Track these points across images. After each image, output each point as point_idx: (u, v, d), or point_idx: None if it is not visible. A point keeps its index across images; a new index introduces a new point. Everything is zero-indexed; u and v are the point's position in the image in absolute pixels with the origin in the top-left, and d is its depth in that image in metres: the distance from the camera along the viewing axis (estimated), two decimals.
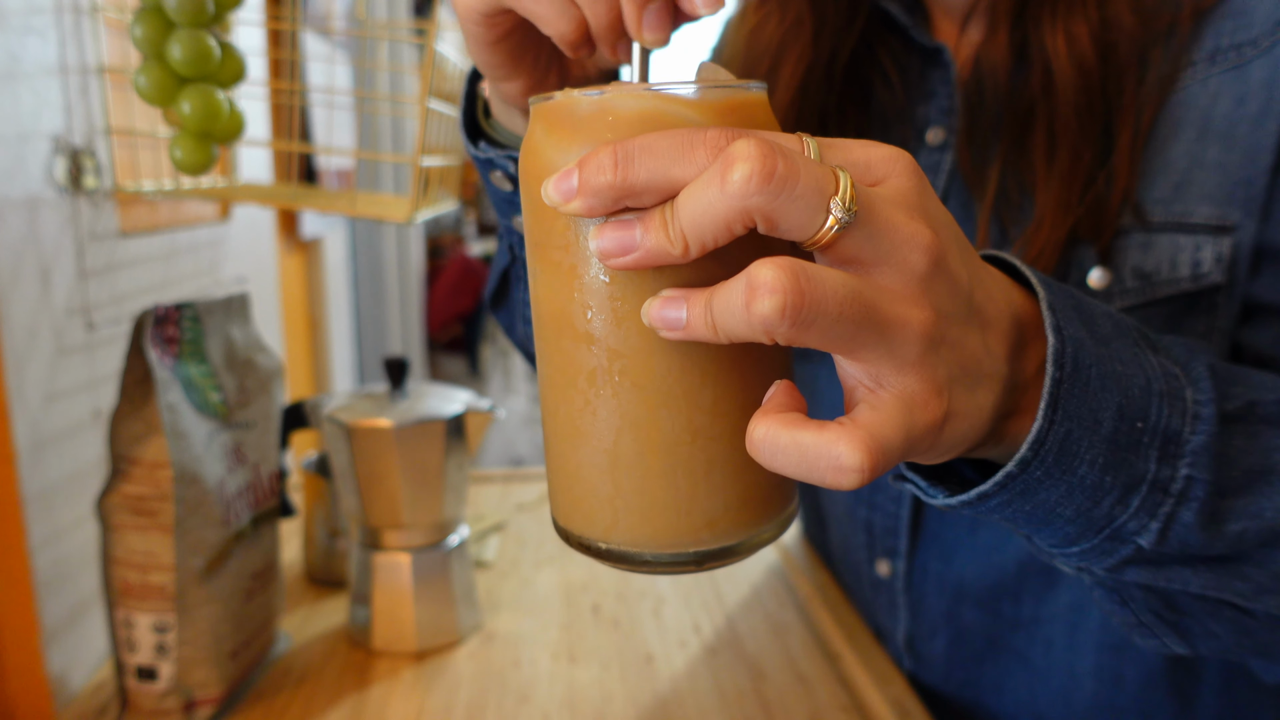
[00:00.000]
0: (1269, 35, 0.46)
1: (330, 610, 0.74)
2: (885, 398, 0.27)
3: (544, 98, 0.30)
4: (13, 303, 0.55)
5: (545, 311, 0.30)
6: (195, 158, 0.61)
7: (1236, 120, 0.46)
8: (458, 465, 0.68)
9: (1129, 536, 0.33)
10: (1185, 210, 0.47)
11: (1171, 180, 0.48)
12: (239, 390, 0.62)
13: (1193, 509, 0.33)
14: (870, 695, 0.62)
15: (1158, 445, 0.32)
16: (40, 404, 0.58)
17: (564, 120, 0.29)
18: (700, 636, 0.69)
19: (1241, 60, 0.47)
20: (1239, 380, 0.36)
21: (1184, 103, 0.48)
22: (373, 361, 1.79)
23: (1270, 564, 0.35)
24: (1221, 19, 0.47)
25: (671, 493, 0.29)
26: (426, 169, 0.70)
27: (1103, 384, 0.31)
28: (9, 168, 0.55)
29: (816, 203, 0.24)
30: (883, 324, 0.26)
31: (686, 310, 0.26)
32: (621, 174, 0.26)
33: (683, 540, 0.30)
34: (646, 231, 0.26)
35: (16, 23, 0.56)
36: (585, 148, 0.27)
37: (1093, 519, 0.33)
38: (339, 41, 1.46)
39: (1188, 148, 0.48)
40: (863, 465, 0.25)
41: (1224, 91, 0.47)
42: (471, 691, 0.62)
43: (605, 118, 0.28)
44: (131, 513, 0.55)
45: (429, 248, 2.52)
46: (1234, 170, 0.46)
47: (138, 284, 0.72)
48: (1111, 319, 0.35)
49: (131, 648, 0.56)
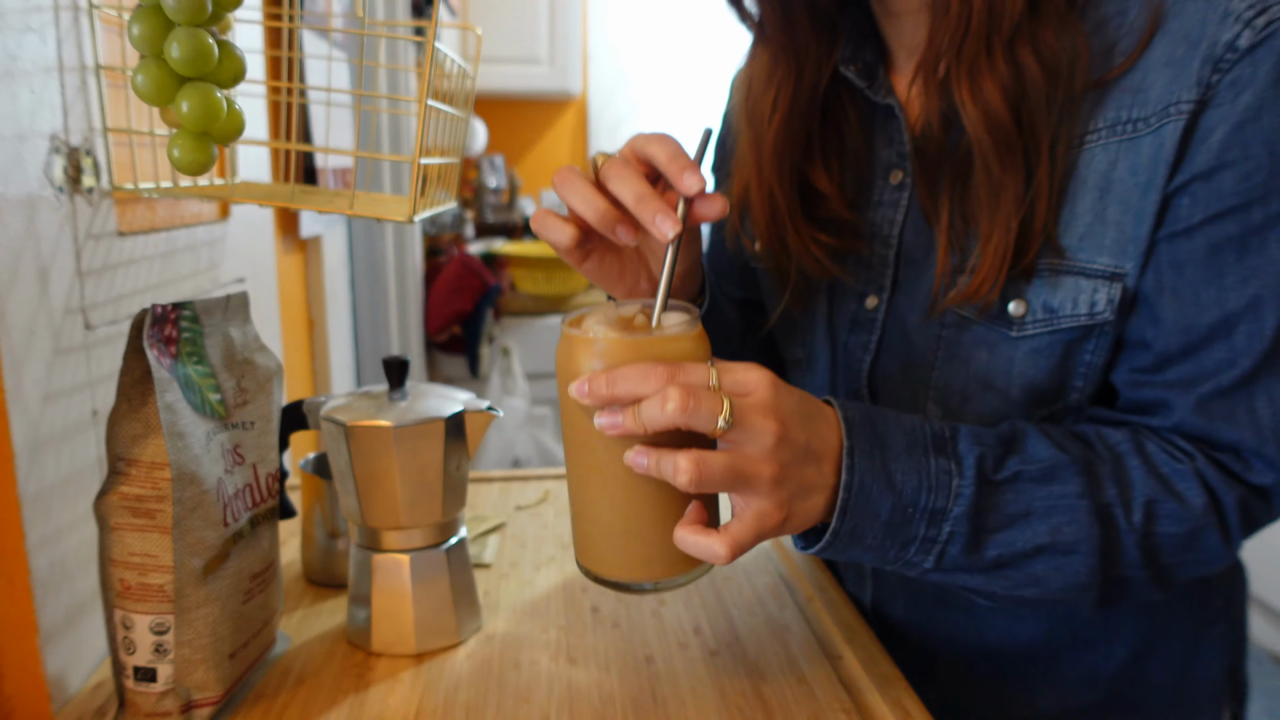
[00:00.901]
0: (1158, 117, 0.54)
1: (329, 611, 0.74)
2: (747, 514, 0.49)
3: (571, 324, 0.52)
4: (10, 302, 0.55)
5: (569, 440, 0.53)
6: (194, 157, 0.61)
7: (1130, 186, 0.56)
8: (457, 466, 0.67)
9: (917, 564, 0.55)
10: (1089, 258, 0.57)
11: (1078, 231, 0.57)
12: (238, 390, 0.62)
13: (957, 545, 0.53)
14: (871, 696, 0.62)
15: (924, 517, 0.53)
16: (38, 404, 0.58)
17: (580, 345, 0.51)
18: (700, 638, 0.69)
19: (1136, 134, 0.55)
20: (1014, 453, 0.55)
21: (1089, 163, 0.57)
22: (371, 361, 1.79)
23: (1025, 569, 0.55)
24: (1122, 92, 0.56)
25: (633, 546, 0.53)
26: (426, 168, 0.70)
27: (881, 493, 0.52)
28: (6, 167, 0.55)
29: (710, 419, 0.46)
30: (746, 478, 0.48)
31: (646, 459, 0.48)
32: (609, 390, 0.48)
33: (636, 574, 0.53)
34: (624, 420, 0.48)
35: (14, 21, 0.56)
36: (590, 362, 0.50)
37: (887, 560, 0.54)
38: (338, 40, 1.46)
39: (1092, 204, 0.57)
40: (727, 556, 0.49)
41: (1121, 159, 0.56)
42: (471, 692, 0.62)
43: (600, 349, 0.50)
44: (130, 513, 0.55)
45: (427, 247, 2.52)
46: (1127, 228, 0.56)
47: (136, 284, 0.71)
48: (909, 435, 0.53)
49: (129, 648, 0.56)
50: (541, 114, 3.13)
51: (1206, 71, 0.53)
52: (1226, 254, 0.54)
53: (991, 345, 0.62)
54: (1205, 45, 0.53)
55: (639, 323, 0.52)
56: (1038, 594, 0.56)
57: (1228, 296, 0.54)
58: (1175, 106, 0.54)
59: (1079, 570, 0.55)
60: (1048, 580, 0.55)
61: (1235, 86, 0.52)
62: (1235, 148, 0.53)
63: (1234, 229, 0.54)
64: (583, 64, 3.06)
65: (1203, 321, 0.55)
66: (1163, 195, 0.55)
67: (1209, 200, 0.54)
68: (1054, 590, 0.56)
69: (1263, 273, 0.54)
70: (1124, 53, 0.56)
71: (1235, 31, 0.52)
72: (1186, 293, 0.56)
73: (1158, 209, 0.55)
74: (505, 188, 2.98)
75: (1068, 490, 0.54)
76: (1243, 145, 0.52)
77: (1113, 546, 0.54)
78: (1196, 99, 0.53)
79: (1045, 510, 0.54)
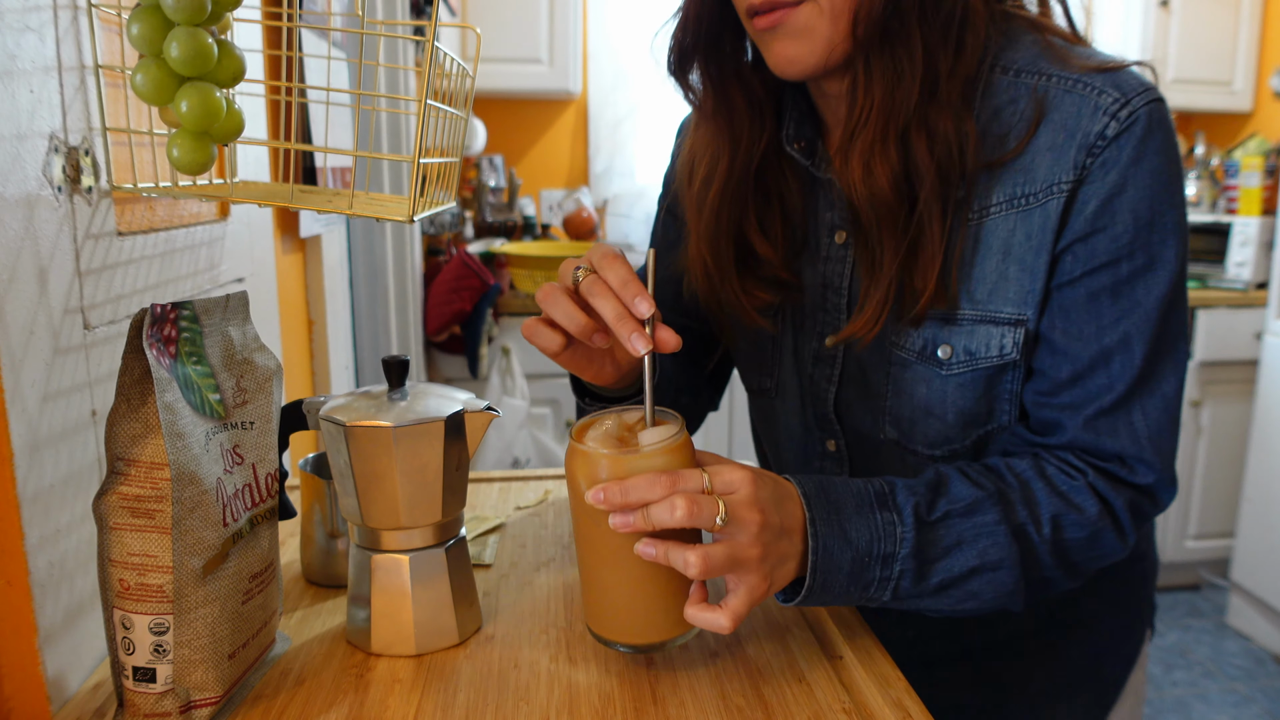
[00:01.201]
0: (1044, 193, 0.67)
1: (328, 612, 0.73)
2: (740, 589, 0.59)
3: (576, 436, 0.63)
4: (9, 302, 0.55)
5: (581, 535, 0.64)
6: (193, 157, 0.61)
7: (1026, 249, 0.68)
8: (457, 466, 0.67)
9: (876, 599, 0.65)
10: (996, 309, 0.70)
11: (986, 288, 0.70)
12: (237, 390, 0.62)
13: (907, 579, 0.64)
14: (871, 696, 0.62)
15: (879, 562, 0.63)
16: (37, 404, 0.57)
17: (586, 460, 0.61)
18: (700, 638, 0.69)
19: (1028, 207, 0.68)
20: (941, 496, 0.66)
21: (993, 231, 0.69)
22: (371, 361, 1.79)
23: (963, 588, 0.66)
24: (1016, 172, 0.68)
25: (640, 616, 0.63)
26: (425, 168, 0.70)
27: (841, 549, 0.62)
28: (5, 167, 0.55)
29: (710, 520, 0.57)
30: (739, 562, 0.59)
31: (654, 550, 0.58)
32: (623, 498, 0.58)
33: (644, 638, 0.64)
34: (637, 521, 0.58)
35: (13, 21, 0.56)
36: (597, 474, 0.60)
37: (851, 599, 0.65)
38: (337, 40, 1.46)
39: (996, 265, 0.69)
40: (730, 626, 0.59)
41: (1018, 227, 0.68)
42: (470, 693, 0.62)
43: (605, 466, 0.60)
44: (129, 513, 0.54)
45: (427, 247, 2.51)
46: (1025, 284, 0.68)
47: (135, 283, 0.71)
48: (857, 498, 0.64)
49: (129, 649, 0.56)
50: (541, 114, 3.12)
51: (1082, 156, 0.65)
52: (1102, 300, 0.67)
53: (929, 381, 0.74)
54: (1080, 135, 0.65)
55: (637, 428, 0.63)
56: (976, 606, 0.67)
57: (1104, 334, 0.67)
58: (1057, 185, 0.66)
59: (1005, 581, 0.66)
60: (982, 594, 0.66)
61: (1104, 167, 0.65)
62: (1105, 216, 0.65)
63: (1107, 280, 0.67)
64: (583, 64, 3.06)
65: (1085, 354, 0.68)
66: (1051, 255, 0.67)
67: (1087, 258, 0.67)
68: (988, 601, 0.67)
69: (1131, 314, 0.67)
70: (1016, 138, 0.68)
71: (1104, 123, 0.65)
72: (1073, 331, 0.68)
73: (1048, 266, 0.68)
74: (505, 187, 2.98)
75: (988, 519, 0.66)
76: (1111, 214, 0.65)
77: (1030, 557, 0.66)
78: (1074, 179, 0.66)
79: (972, 538, 0.65)
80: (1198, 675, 2.49)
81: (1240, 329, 2.76)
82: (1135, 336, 0.67)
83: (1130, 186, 0.65)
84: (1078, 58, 0.68)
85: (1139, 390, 0.68)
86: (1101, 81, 0.66)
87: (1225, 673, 2.50)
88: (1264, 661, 2.56)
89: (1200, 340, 2.76)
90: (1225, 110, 3.09)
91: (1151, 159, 0.65)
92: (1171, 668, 2.53)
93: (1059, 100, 0.67)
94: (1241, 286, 2.78)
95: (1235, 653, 2.61)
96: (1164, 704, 2.36)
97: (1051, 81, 0.67)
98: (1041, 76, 0.68)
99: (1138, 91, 0.65)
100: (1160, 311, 0.66)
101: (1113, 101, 0.65)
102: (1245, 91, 3.06)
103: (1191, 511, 2.90)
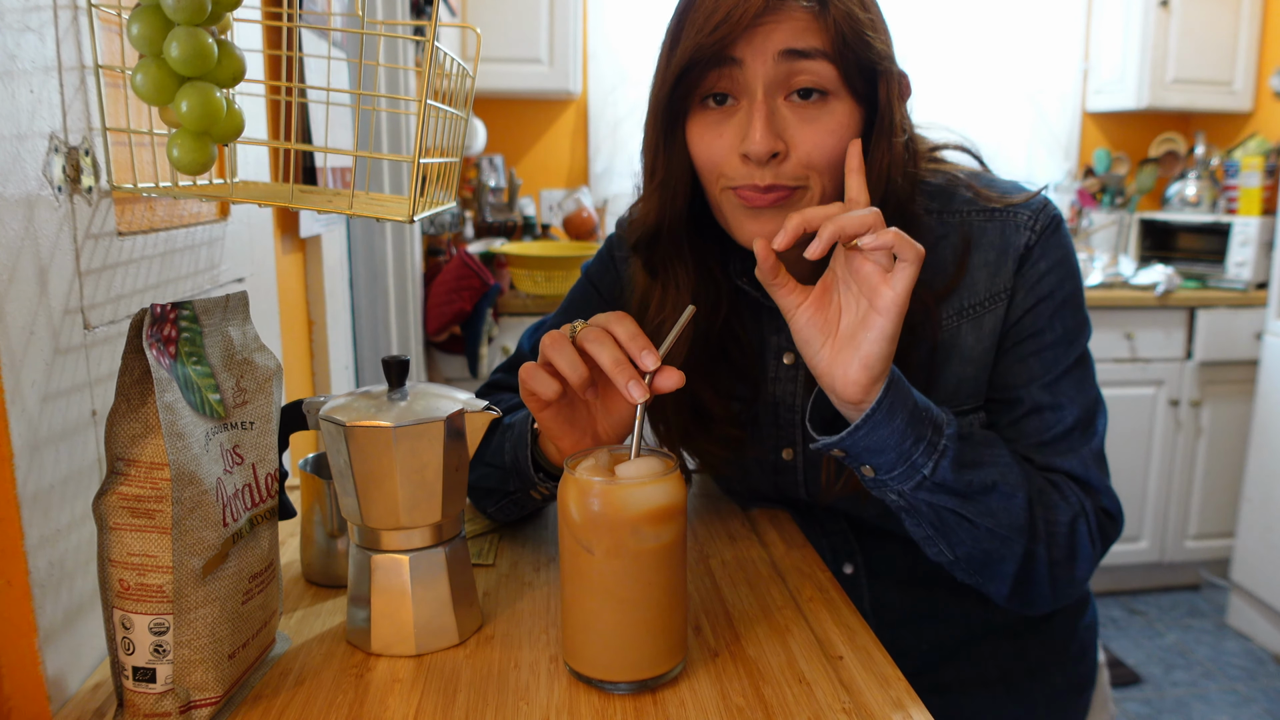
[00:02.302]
0: (988, 303, 0.81)
1: (328, 612, 0.73)
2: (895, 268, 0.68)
3: (574, 463, 0.64)
4: (9, 302, 0.55)
5: (570, 568, 0.62)
6: (193, 157, 0.61)
7: (979, 352, 0.82)
8: (456, 466, 0.67)
9: (919, 467, 0.71)
10: (960, 403, 0.83)
11: (947, 391, 0.82)
12: (237, 390, 0.62)
13: (948, 460, 0.71)
14: (871, 697, 0.62)
15: (931, 426, 0.71)
16: (37, 404, 0.57)
17: (581, 486, 0.61)
18: (700, 638, 0.69)
19: (976, 315, 0.81)
20: (969, 429, 0.76)
21: (951, 341, 0.82)
22: (371, 361, 1.79)
23: (984, 501, 0.73)
24: (964, 289, 0.81)
25: (630, 646, 0.62)
26: (425, 168, 0.70)
27: (908, 394, 0.70)
28: (5, 167, 0.55)
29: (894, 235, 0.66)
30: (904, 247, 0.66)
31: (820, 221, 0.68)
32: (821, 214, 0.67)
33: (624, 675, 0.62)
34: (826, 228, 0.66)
35: (13, 20, 0.56)
36: (591, 500, 0.60)
37: (902, 452, 0.70)
38: (337, 40, 1.46)
39: (955, 368, 0.82)
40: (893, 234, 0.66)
41: (969, 333, 0.82)
42: (470, 693, 0.62)
43: (599, 491, 0.61)
44: (129, 513, 0.54)
45: (426, 247, 2.51)
46: (981, 378, 0.82)
47: (135, 284, 0.71)
48: (922, 403, 0.71)
49: (128, 649, 0.56)
50: (541, 114, 3.12)
51: (1013, 267, 0.81)
52: (1045, 355, 0.81)
53: None
54: (1012, 250, 0.81)
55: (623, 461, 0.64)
56: (991, 526, 0.74)
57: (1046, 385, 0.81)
58: (998, 296, 0.81)
59: (1016, 512, 0.74)
60: (998, 514, 0.74)
61: (1032, 273, 0.80)
62: (1034, 315, 0.81)
63: (1044, 362, 0.81)
64: (583, 64, 3.05)
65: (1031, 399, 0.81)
66: (998, 349, 0.82)
67: (1026, 344, 0.81)
68: (1001, 524, 0.74)
69: (1061, 384, 0.81)
70: (953, 264, 0.81)
71: (1026, 236, 0.81)
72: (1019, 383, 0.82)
73: (994, 357, 0.82)
74: (505, 187, 2.98)
75: (1004, 453, 0.76)
76: (1037, 312, 0.80)
77: (1034, 508, 0.75)
78: (1010, 286, 0.81)
79: (993, 461, 0.74)
80: (1198, 675, 2.49)
81: (1240, 329, 2.76)
82: (1069, 385, 0.80)
83: (1054, 287, 0.81)
84: (987, 192, 0.83)
85: (1078, 437, 0.80)
86: (1013, 207, 0.82)
87: (1225, 673, 2.50)
88: (1264, 661, 2.56)
89: (1200, 340, 2.76)
90: (1225, 110, 3.08)
91: (1059, 251, 0.81)
92: (1171, 668, 2.53)
93: (981, 227, 0.82)
94: (1241, 286, 2.78)
95: (1235, 653, 2.61)
96: (1164, 704, 2.36)
97: (973, 216, 0.82)
98: (963, 214, 0.83)
99: (1040, 206, 0.82)
100: (1084, 367, 0.82)
101: (1028, 218, 0.81)
102: (1245, 91, 3.05)
103: (1191, 511, 2.90)
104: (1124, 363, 2.75)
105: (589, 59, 3.08)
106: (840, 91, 0.74)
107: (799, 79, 0.72)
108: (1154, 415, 2.81)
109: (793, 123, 0.73)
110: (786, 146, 0.73)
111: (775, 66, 0.72)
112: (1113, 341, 2.73)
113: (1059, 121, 3.27)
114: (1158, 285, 2.71)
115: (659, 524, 0.60)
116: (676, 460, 0.64)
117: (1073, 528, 0.76)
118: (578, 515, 0.61)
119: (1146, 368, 2.77)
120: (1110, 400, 2.73)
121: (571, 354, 0.65)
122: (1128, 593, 2.96)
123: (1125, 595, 2.95)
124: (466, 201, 2.89)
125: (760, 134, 0.71)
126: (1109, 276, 2.86)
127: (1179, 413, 2.81)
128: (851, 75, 0.73)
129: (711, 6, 0.72)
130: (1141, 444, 2.82)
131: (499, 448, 0.81)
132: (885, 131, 0.76)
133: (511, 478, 0.80)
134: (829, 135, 0.73)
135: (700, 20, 0.72)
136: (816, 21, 0.72)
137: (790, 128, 0.73)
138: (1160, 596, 2.95)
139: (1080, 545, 0.77)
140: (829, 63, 0.72)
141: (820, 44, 0.72)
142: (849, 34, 0.72)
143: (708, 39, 0.71)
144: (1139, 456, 2.83)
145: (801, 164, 0.73)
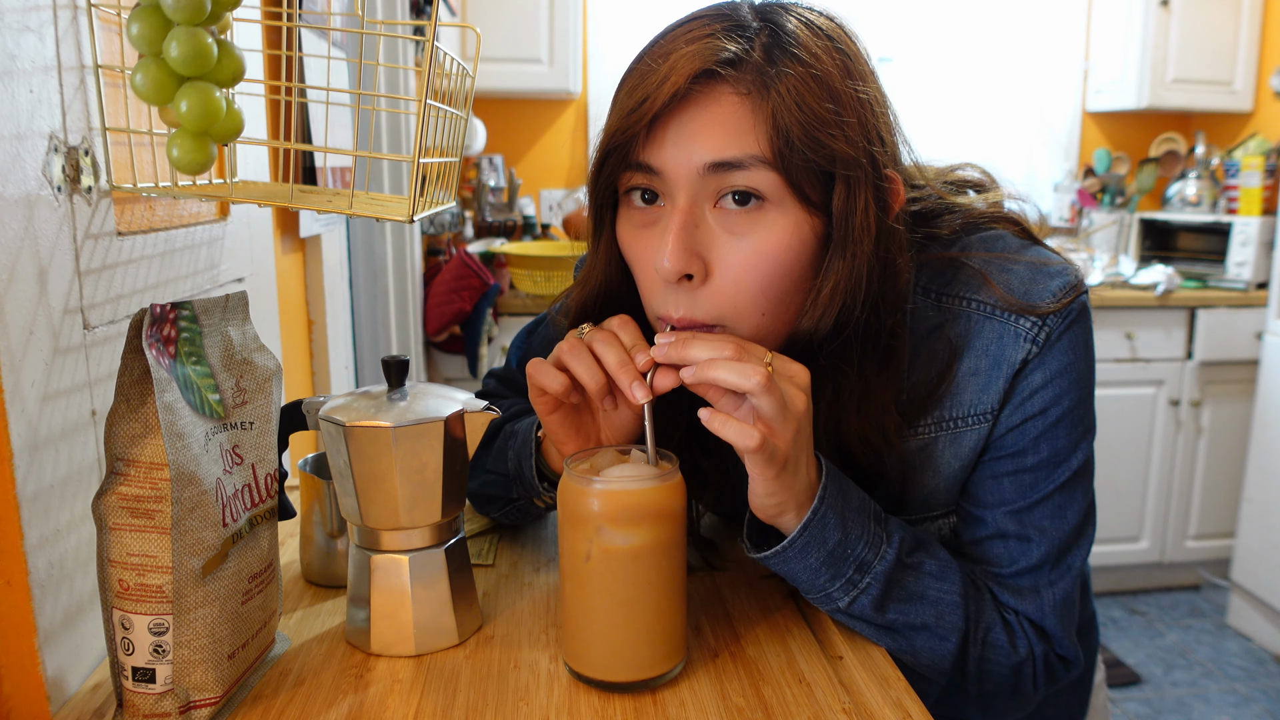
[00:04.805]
0: (971, 420, 0.72)
1: (328, 612, 0.73)
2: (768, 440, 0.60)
3: (575, 464, 0.64)
4: (9, 302, 0.55)
5: (569, 566, 0.62)
6: (193, 157, 0.61)
7: (954, 469, 0.74)
8: (457, 466, 0.67)
9: (834, 600, 0.67)
10: (935, 508, 0.77)
11: (924, 494, 0.76)
12: (237, 390, 0.62)
13: (868, 598, 0.66)
14: (871, 697, 0.62)
15: (855, 565, 0.65)
16: (37, 404, 0.57)
17: (583, 488, 0.61)
18: (700, 638, 0.69)
19: (956, 430, 0.73)
20: (921, 550, 0.69)
21: (927, 451, 0.74)
22: (370, 361, 1.79)
23: (909, 638, 0.68)
24: (947, 399, 0.73)
25: (629, 647, 0.62)
26: (425, 168, 0.70)
27: (833, 529, 0.64)
28: (5, 167, 0.55)
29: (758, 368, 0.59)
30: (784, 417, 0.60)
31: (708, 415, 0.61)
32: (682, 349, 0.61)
33: (627, 675, 0.62)
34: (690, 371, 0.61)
35: (12, 20, 0.56)
36: (591, 503, 0.61)
37: (816, 584, 0.66)
38: (337, 39, 1.46)
39: (930, 479, 0.75)
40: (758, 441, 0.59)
41: (947, 448, 0.74)
42: (470, 693, 0.62)
43: (601, 493, 0.61)
44: (128, 513, 0.54)
45: (426, 247, 2.51)
46: (954, 487, 0.76)
47: (135, 284, 0.71)
48: (860, 501, 0.67)
49: (128, 649, 0.56)
50: (541, 113, 3.12)
51: (1003, 385, 0.71)
52: (1023, 478, 0.72)
53: None
54: (1005, 364, 0.70)
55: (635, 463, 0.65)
56: (911, 662, 0.69)
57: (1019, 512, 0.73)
58: (982, 416, 0.72)
59: (944, 654, 0.69)
60: (919, 653, 0.69)
61: (1025, 387, 0.71)
62: (1018, 433, 0.72)
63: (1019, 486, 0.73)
64: (583, 64, 3.05)
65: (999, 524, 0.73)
66: (974, 468, 0.74)
67: (1004, 462, 0.73)
68: (921, 661, 0.69)
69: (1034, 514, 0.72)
70: (939, 375, 0.72)
71: (1025, 350, 0.70)
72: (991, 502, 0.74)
73: (968, 474, 0.75)
74: (505, 187, 2.98)
75: (952, 590, 0.68)
76: (1022, 431, 0.71)
77: (968, 648, 0.69)
78: (998, 404, 0.71)
79: (935, 599, 0.68)
80: (1198, 675, 2.49)
81: (1240, 329, 2.76)
82: (1044, 515, 0.72)
83: (1047, 388, 0.71)
84: (997, 286, 0.71)
85: (1050, 569, 0.72)
86: (1015, 314, 0.70)
87: (1225, 673, 2.50)
88: (1264, 661, 2.56)
89: (1200, 340, 2.76)
90: (1225, 110, 3.08)
91: (1065, 357, 0.70)
92: (1171, 668, 2.53)
93: (979, 326, 0.71)
94: (1242, 286, 2.78)
95: (1235, 653, 2.61)
96: (1164, 704, 2.36)
97: (974, 307, 0.72)
98: (964, 300, 0.72)
99: (1053, 306, 0.69)
100: (1069, 490, 0.72)
101: (1030, 327, 0.70)
102: (1245, 91, 3.05)
103: (1191, 511, 2.90)
104: (1124, 363, 2.75)
105: (589, 59, 3.08)
106: (784, 200, 0.61)
107: (731, 182, 0.61)
108: (1154, 415, 2.81)
109: (719, 239, 0.62)
110: (706, 267, 0.62)
111: (701, 178, 0.61)
112: (1113, 341, 2.73)
113: (1059, 121, 3.27)
114: (1158, 285, 2.72)
115: (659, 525, 0.60)
116: (677, 461, 0.64)
117: (1016, 672, 0.71)
118: (578, 515, 0.61)
119: (1147, 368, 2.77)
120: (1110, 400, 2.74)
121: (590, 362, 0.65)
122: (1128, 593, 2.96)
123: (1125, 595, 2.95)
124: (466, 201, 2.89)
125: (672, 251, 0.61)
126: (1109, 276, 2.86)
127: (1179, 413, 2.82)
128: (799, 181, 0.60)
129: (635, 81, 0.63)
130: (1141, 444, 2.82)
131: (502, 455, 0.80)
132: (842, 246, 0.62)
133: (515, 485, 0.79)
134: (759, 258, 0.62)
135: (623, 96, 0.64)
136: (753, 115, 0.60)
137: (716, 245, 0.62)
138: (1160, 596, 2.95)
139: (1021, 687, 0.72)
140: (769, 169, 0.60)
141: (756, 148, 0.59)
142: (795, 132, 0.59)
143: (623, 128, 0.62)
144: (1139, 456, 2.83)
145: (721, 294, 0.63)
